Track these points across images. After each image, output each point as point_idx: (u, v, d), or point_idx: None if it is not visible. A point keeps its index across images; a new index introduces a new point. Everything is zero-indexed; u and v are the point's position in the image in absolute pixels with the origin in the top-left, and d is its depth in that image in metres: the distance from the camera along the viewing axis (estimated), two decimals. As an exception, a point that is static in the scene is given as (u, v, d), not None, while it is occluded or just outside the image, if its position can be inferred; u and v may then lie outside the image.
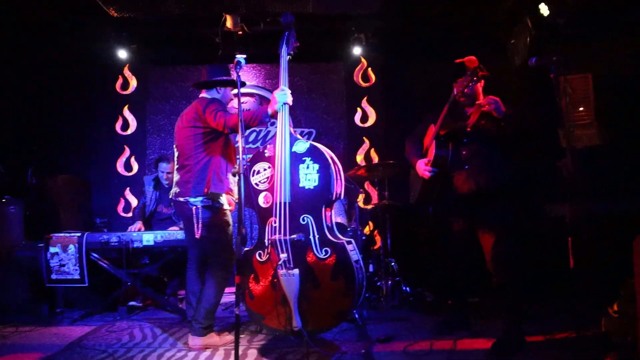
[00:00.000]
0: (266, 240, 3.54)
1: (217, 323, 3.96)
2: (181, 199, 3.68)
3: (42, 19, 5.90)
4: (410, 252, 5.46)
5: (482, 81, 3.72)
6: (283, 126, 3.55)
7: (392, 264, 5.03)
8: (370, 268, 5.20)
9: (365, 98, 6.45)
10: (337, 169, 3.50)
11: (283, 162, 3.50)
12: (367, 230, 5.66)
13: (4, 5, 5.50)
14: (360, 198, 6.06)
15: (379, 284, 4.92)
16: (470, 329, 3.90)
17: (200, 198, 3.61)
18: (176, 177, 3.79)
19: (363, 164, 6.21)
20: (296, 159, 3.52)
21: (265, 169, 3.62)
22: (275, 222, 3.48)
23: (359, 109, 6.45)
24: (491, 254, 3.60)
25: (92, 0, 5.28)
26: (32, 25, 5.99)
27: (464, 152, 3.71)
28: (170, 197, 3.86)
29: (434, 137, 3.72)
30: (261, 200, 3.61)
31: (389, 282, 4.88)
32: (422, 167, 3.77)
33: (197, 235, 3.64)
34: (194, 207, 3.62)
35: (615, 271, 3.30)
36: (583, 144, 5.09)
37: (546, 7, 5.12)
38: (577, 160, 3.62)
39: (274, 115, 3.51)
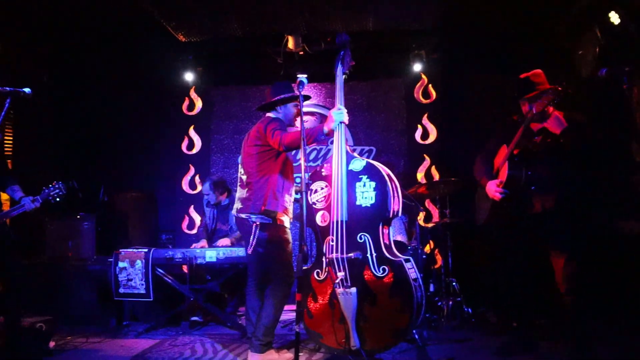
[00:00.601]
0: (324, 259, 3.55)
1: (276, 340, 3.97)
2: (243, 215, 3.74)
3: (115, 45, 6.26)
4: (472, 271, 5.30)
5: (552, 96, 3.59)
6: (340, 145, 3.56)
7: (454, 283, 4.90)
8: (431, 287, 5.09)
9: (425, 115, 6.37)
10: (394, 186, 3.46)
11: (340, 180, 3.51)
12: (427, 248, 5.54)
13: (81, 31, 5.87)
14: (421, 216, 5.96)
15: (439, 303, 4.81)
16: (536, 351, 3.72)
17: (259, 215, 3.66)
18: (239, 193, 3.86)
19: (424, 181, 6.12)
20: (353, 177, 3.52)
21: (322, 188, 3.65)
22: (332, 241, 3.49)
23: (419, 126, 6.38)
24: (562, 275, 3.44)
25: (162, 26, 5.52)
26: (106, 51, 6.37)
27: (529, 173, 3.59)
28: (233, 212, 3.93)
29: (506, 157, 3.60)
30: (319, 218, 3.63)
31: (450, 302, 4.76)
32: (494, 189, 3.64)
33: (249, 251, 3.69)
34: (254, 224, 3.66)
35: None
36: (660, 158, 4.80)
37: (617, 16, 4.87)
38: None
39: (330, 134, 3.50)
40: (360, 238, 3.45)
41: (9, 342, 3.99)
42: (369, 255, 3.42)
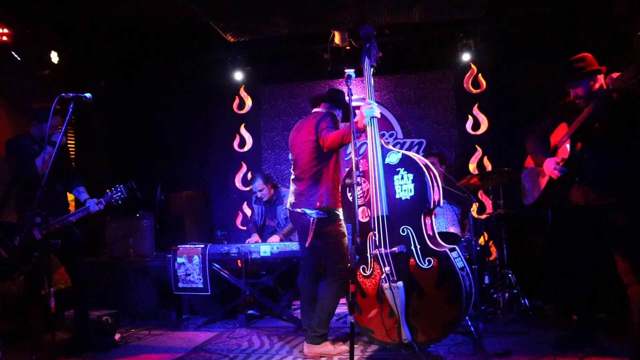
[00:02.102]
0: (368, 255, 3.55)
1: (330, 333, 4.03)
2: (298, 210, 3.78)
3: (166, 48, 6.46)
4: (528, 263, 5.19)
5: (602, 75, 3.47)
6: (373, 140, 3.54)
7: (509, 275, 4.82)
8: (486, 279, 5.01)
9: (476, 105, 6.26)
10: (432, 176, 3.43)
11: (377, 175, 3.50)
12: (481, 240, 5.48)
13: (133, 37, 6.10)
14: (474, 207, 5.88)
15: (495, 296, 4.74)
16: (597, 346, 3.62)
17: (315, 210, 3.70)
18: (292, 187, 3.91)
19: (476, 172, 6.03)
20: (390, 171, 3.51)
21: (359, 184, 3.62)
22: (375, 236, 3.49)
23: (470, 117, 6.28)
24: (622, 267, 3.34)
25: (211, 28, 5.65)
26: (158, 54, 6.59)
27: (587, 159, 3.48)
28: (287, 207, 3.99)
29: (569, 135, 3.44)
30: (359, 214, 3.61)
31: (506, 295, 4.68)
32: (552, 166, 3.48)
33: (307, 244, 3.74)
34: (312, 218, 3.71)
35: None
36: None
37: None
38: None
39: (363, 130, 3.49)
40: (403, 231, 3.44)
41: (78, 334, 4.23)
42: (413, 247, 3.41)
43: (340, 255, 3.72)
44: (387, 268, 3.40)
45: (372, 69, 3.66)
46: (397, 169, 3.49)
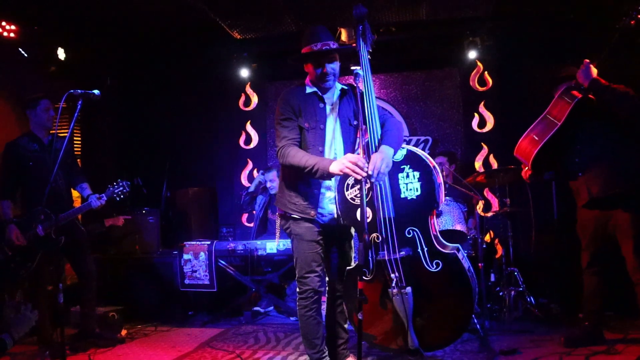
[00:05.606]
0: (370, 259, 3.21)
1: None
2: None
3: (173, 45, 6.47)
4: (534, 261, 5.18)
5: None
6: (375, 133, 3.14)
7: (515, 273, 4.81)
8: (492, 277, 5.02)
9: (482, 103, 6.24)
10: (437, 174, 3.20)
11: None
12: (487, 238, 5.45)
13: (139, 34, 6.11)
14: (480, 205, 5.86)
15: (501, 294, 4.73)
16: (603, 344, 3.61)
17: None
18: None
19: (482, 170, 6.02)
20: (394, 169, 3.11)
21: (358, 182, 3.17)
22: (378, 238, 3.16)
23: (476, 115, 6.26)
24: (631, 265, 3.35)
25: (217, 25, 5.66)
26: (165, 51, 6.60)
27: (576, 160, 3.52)
28: None
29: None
30: (359, 215, 3.13)
31: (512, 293, 4.67)
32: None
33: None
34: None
35: None
36: None
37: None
38: None
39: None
40: (409, 233, 3.18)
41: (84, 329, 4.25)
42: (419, 250, 3.16)
43: (296, 261, 3.17)
44: (396, 274, 3.10)
45: (368, 55, 3.37)
46: (402, 167, 3.21)
